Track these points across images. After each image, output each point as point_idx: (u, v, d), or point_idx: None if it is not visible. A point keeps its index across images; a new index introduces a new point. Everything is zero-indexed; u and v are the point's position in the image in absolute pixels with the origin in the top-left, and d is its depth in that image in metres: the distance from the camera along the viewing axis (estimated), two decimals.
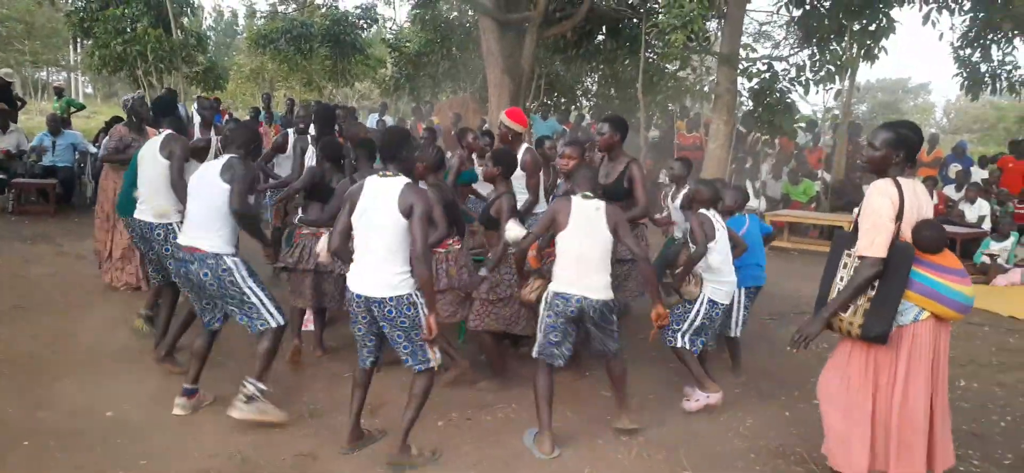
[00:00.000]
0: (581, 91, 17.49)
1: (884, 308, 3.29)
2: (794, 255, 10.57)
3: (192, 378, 4.47)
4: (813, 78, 11.83)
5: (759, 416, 4.81)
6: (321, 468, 3.90)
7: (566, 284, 4.09)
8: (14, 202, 10.36)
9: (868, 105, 38.02)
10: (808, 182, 12.44)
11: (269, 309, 4.27)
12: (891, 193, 3.29)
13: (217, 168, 4.28)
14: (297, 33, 20.09)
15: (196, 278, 4.22)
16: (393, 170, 3.83)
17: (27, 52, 32.68)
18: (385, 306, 3.73)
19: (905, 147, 3.34)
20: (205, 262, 4.18)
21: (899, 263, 3.27)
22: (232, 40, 44.60)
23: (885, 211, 3.27)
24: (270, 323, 4.27)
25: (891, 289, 3.28)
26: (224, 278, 4.18)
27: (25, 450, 3.91)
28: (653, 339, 4.53)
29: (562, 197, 4.24)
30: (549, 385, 4.17)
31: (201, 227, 4.23)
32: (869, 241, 3.29)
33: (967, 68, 12.54)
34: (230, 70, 26.49)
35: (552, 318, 4.12)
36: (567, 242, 4.10)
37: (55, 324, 5.94)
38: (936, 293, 3.29)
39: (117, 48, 15.32)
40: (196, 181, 4.38)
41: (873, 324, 3.30)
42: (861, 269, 3.30)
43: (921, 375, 3.35)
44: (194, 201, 4.32)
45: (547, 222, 4.20)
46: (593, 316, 4.10)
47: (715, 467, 4.09)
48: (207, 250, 4.18)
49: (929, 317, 3.33)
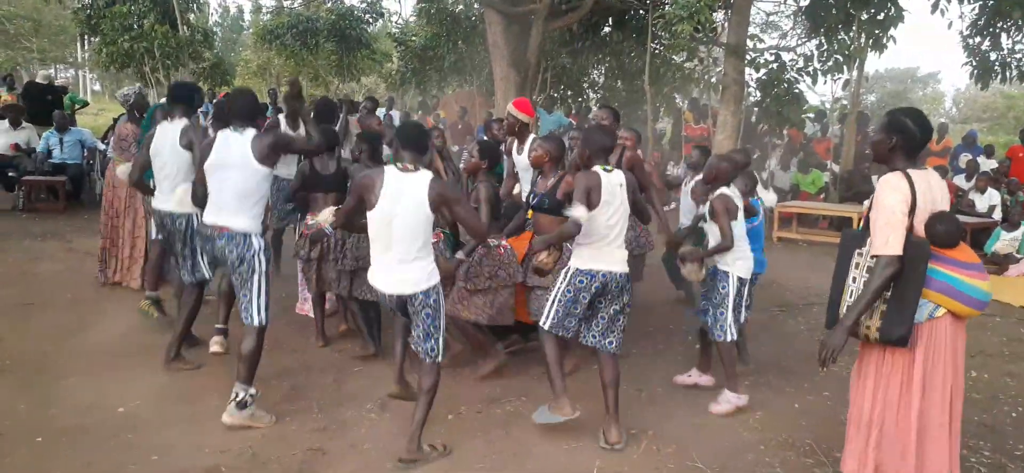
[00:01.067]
0: (588, 83, 17.44)
1: (902, 309, 3.13)
2: (803, 246, 10.52)
3: (223, 318, 4.80)
4: (821, 68, 11.79)
5: (768, 408, 4.79)
6: (330, 463, 3.91)
7: (590, 261, 4.05)
8: (24, 199, 10.41)
9: (877, 95, 37.78)
10: (817, 172, 12.39)
11: (260, 305, 4.26)
12: (902, 187, 3.13)
13: (245, 146, 4.20)
14: (303, 28, 20.11)
15: (220, 254, 4.28)
16: (414, 164, 3.81)
17: (35, 49, 32.84)
18: (417, 300, 3.79)
19: (900, 132, 3.17)
20: (232, 240, 4.20)
21: (916, 260, 3.10)
22: (238, 36, 44.70)
23: (897, 207, 3.11)
24: (254, 320, 4.24)
25: (909, 288, 3.12)
26: (246, 257, 4.21)
27: (37, 446, 3.92)
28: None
29: (587, 172, 4.09)
30: (558, 351, 4.20)
31: (231, 207, 4.22)
32: (883, 239, 3.11)
33: (977, 57, 12.47)
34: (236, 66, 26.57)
35: (572, 294, 4.08)
36: (595, 218, 4.01)
37: (65, 320, 5.96)
38: (952, 289, 3.14)
39: (124, 45, 15.36)
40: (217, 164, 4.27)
41: (892, 326, 3.15)
42: (878, 269, 3.11)
43: (939, 375, 3.21)
44: (220, 185, 4.25)
45: (585, 195, 4.01)
46: (615, 290, 4.08)
47: (725, 460, 4.08)
48: (236, 229, 4.20)
49: (945, 314, 3.18)
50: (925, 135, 3.23)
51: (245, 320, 4.26)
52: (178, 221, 5.08)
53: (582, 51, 15.79)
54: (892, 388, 3.25)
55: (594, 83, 17.57)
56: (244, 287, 4.26)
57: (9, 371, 4.91)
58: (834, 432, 4.47)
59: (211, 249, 4.33)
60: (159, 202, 5.19)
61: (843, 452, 3.46)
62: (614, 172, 4.11)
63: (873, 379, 3.31)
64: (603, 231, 4.03)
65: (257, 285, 4.24)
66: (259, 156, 4.19)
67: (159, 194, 5.20)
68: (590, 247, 4.06)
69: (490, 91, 15.51)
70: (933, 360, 3.20)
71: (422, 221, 3.74)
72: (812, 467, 4.05)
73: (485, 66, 16.05)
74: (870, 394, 3.31)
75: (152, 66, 15.50)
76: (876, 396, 3.29)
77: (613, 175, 4.09)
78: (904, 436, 3.23)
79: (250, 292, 4.24)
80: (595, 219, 4.01)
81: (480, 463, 3.95)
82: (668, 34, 12.06)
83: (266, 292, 4.29)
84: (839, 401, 4.98)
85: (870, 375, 3.33)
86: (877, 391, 3.29)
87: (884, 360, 3.28)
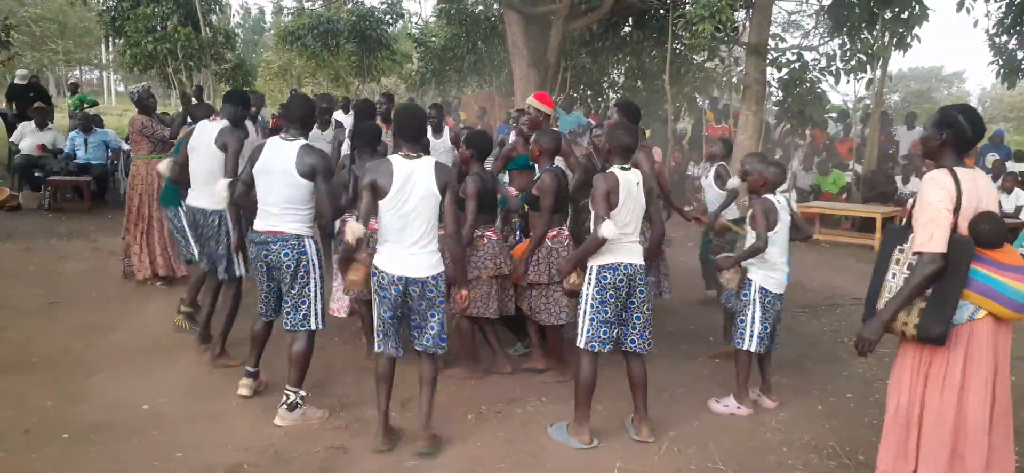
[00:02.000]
0: (607, 83, 17.39)
1: (942, 307, 3.07)
2: (825, 247, 10.43)
3: (253, 362, 4.60)
4: (844, 68, 11.68)
5: (791, 409, 4.75)
6: (352, 461, 3.92)
7: (610, 255, 4.04)
8: (50, 199, 10.56)
9: (900, 94, 37.42)
10: (838, 173, 12.28)
11: (316, 309, 4.28)
12: (946, 184, 3.07)
13: (293, 154, 4.13)
14: (324, 29, 20.22)
15: (274, 259, 4.19)
16: (417, 150, 3.85)
17: (60, 51, 33.33)
18: (427, 286, 3.81)
19: (951, 128, 3.13)
20: (287, 243, 4.17)
21: (959, 258, 3.04)
22: (260, 37, 45.08)
23: (941, 203, 3.05)
24: (310, 325, 4.28)
25: (950, 286, 3.06)
26: (301, 260, 4.19)
27: (64, 442, 3.98)
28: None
29: (604, 174, 4.08)
30: (593, 375, 4.12)
31: (280, 212, 4.18)
32: (927, 236, 3.05)
33: (1003, 55, 12.30)
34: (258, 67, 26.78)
35: (600, 294, 4.05)
36: (615, 217, 3.99)
37: (91, 319, 6.04)
38: (994, 291, 3.07)
39: (148, 46, 15.55)
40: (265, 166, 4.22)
41: (931, 324, 3.08)
42: (920, 267, 3.06)
43: (980, 377, 3.13)
44: (268, 188, 4.20)
45: (606, 202, 3.99)
46: (639, 282, 4.08)
47: (747, 461, 4.05)
48: (289, 232, 4.18)
49: (986, 316, 3.11)
50: (977, 132, 3.16)
51: (300, 326, 4.26)
52: (211, 218, 5.14)
53: (602, 51, 15.74)
54: (932, 389, 3.18)
55: (614, 83, 17.51)
56: (297, 297, 4.22)
57: (37, 369, 4.98)
58: (858, 434, 4.44)
59: (265, 256, 4.23)
60: (192, 199, 5.26)
61: (879, 450, 3.38)
62: (631, 171, 4.11)
63: (910, 378, 3.24)
64: (619, 228, 4.02)
65: (312, 287, 4.24)
66: (301, 171, 4.12)
67: (192, 192, 5.26)
68: (607, 246, 4.05)
69: (509, 91, 15.52)
70: (974, 363, 3.13)
71: (433, 205, 3.81)
72: (835, 469, 4.01)
73: (504, 66, 16.06)
74: (907, 393, 3.25)
75: (175, 67, 15.67)
76: (914, 396, 3.22)
77: (630, 173, 4.09)
78: (944, 438, 3.16)
79: (303, 299, 4.23)
80: (614, 218, 4.01)
81: (500, 463, 3.95)
82: (689, 33, 12.02)
83: (321, 294, 4.31)
84: (863, 403, 4.93)
85: (908, 375, 3.25)
86: (915, 391, 3.22)
87: (922, 360, 3.21)
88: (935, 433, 3.18)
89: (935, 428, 3.17)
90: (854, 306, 7.30)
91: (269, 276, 4.30)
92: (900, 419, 3.26)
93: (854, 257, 9.69)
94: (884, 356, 5.77)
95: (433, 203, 3.82)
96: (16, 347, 5.34)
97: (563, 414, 4.53)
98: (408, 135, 3.88)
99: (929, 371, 3.19)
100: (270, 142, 4.25)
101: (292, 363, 4.25)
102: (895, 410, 3.29)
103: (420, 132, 3.94)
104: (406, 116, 3.97)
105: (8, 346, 5.36)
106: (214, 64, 16.50)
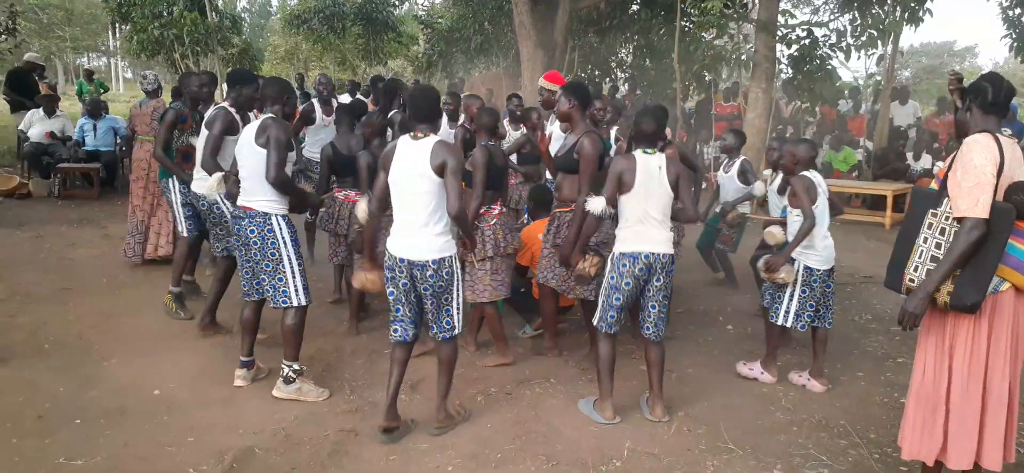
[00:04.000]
0: (615, 63, 17.28)
1: (980, 275, 2.98)
2: (835, 224, 10.30)
3: (246, 350, 4.60)
4: (854, 43, 11.55)
5: (801, 389, 4.74)
6: (362, 443, 3.94)
7: (632, 243, 4.02)
8: (59, 186, 10.61)
9: (912, 70, 37.02)
10: (848, 150, 12.18)
11: (297, 285, 4.30)
12: (992, 149, 2.98)
13: (252, 132, 4.25)
14: (330, 12, 20.18)
15: (244, 236, 4.28)
16: (424, 131, 3.81)
17: (67, 38, 33.38)
18: (427, 270, 3.76)
19: (972, 94, 3.08)
20: (253, 219, 4.23)
21: (1001, 226, 2.95)
22: (266, 21, 45.03)
23: (987, 167, 2.95)
24: (292, 300, 4.29)
25: (990, 254, 2.97)
26: (267, 238, 4.23)
27: (76, 428, 4.01)
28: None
29: (624, 155, 4.08)
30: (612, 354, 4.19)
31: (251, 188, 4.27)
32: (973, 200, 2.93)
33: (1016, 29, 12.14)
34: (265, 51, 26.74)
35: (616, 280, 4.06)
36: (631, 202, 4.00)
37: (102, 305, 6.07)
38: (1019, 262, 2.99)
39: (154, 32, 15.54)
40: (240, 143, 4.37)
41: (967, 292, 2.99)
42: (963, 233, 2.96)
43: (1001, 350, 3.08)
44: (243, 165, 4.32)
45: (615, 184, 4.01)
46: (660, 270, 4.04)
47: (757, 441, 4.05)
48: (256, 209, 4.23)
49: (1009, 288, 3.05)
50: (1000, 90, 3.08)
51: (282, 303, 4.30)
52: (214, 206, 5.23)
53: (610, 30, 15.61)
54: (958, 361, 3.12)
55: (622, 62, 17.39)
56: (273, 276, 4.27)
57: (49, 355, 5.01)
58: (869, 413, 4.42)
59: (239, 231, 4.33)
60: (194, 185, 5.31)
61: (902, 429, 3.31)
62: (654, 155, 4.07)
63: (935, 352, 3.18)
64: (640, 214, 4.00)
65: (286, 264, 4.27)
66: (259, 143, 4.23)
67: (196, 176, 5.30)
68: (630, 230, 4.05)
69: (517, 73, 15.43)
70: (996, 336, 3.08)
71: (428, 186, 3.70)
72: (846, 448, 4.00)
73: (512, 47, 15.96)
74: (933, 367, 3.19)
75: (181, 53, 15.66)
76: (941, 370, 3.16)
77: (652, 158, 4.05)
78: (973, 413, 3.11)
79: (280, 278, 4.27)
80: (629, 203, 4.00)
81: (510, 444, 3.96)
82: (697, 11, 11.91)
83: (300, 270, 4.33)
84: (874, 382, 4.91)
85: (933, 349, 3.20)
86: (941, 364, 3.16)
87: (947, 332, 3.14)
88: (964, 408, 3.12)
89: (963, 403, 3.12)
90: (865, 284, 7.26)
91: (245, 251, 4.38)
92: (926, 395, 3.20)
93: (865, 235, 9.63)
94: (895, 335, 5.76)
95: (429, 185, 3.69)
96: (28, 333, 5.37)
97: (572, 395, 4.55)
98: (420, 116, 3.83)
99: (954, 343, 3.13)
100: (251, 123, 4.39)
101: (284, 338, 4.33)
102: (919, 386, 3.23)
103: (433, 113, 3.88)
104: (419, 96, 3.91)
105: (20, 332, 5.39)
106: (221, 49, 16.47)
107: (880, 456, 3.91)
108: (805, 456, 3.90)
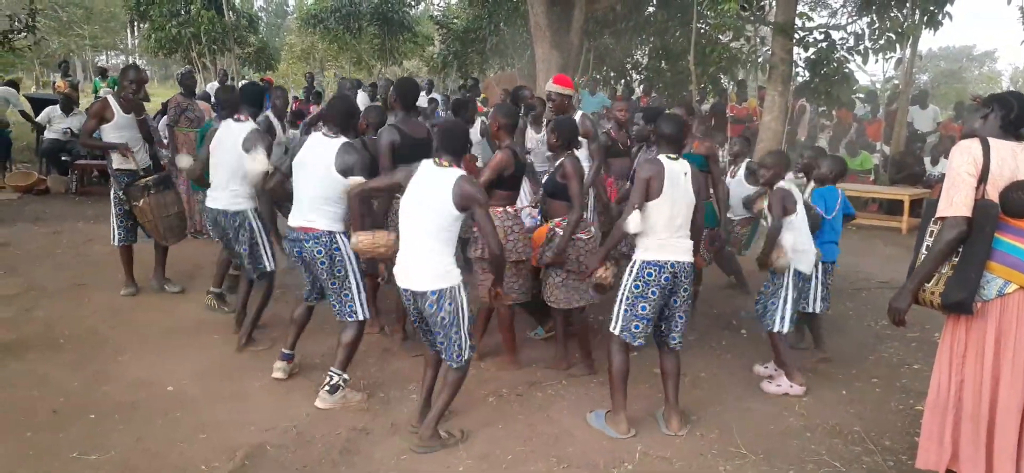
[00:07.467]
0: (631, 64, 17.24)
1: (965, 272, 3.01)
2: (851, 229, 10.27)
3: (290, 344, 4.66)
4: (872, 47, 11.42)
5: (815, 394, 4.70)
6: (374, 441, 3.94)
7: (657, 251, 3.92)
8: (77, 183, 10.69)
9: (930, 74, 36.70)
10: (865, 154, 12.08)
11: (362, 300, 4.32)
12: (972, 150, 3.03)
13: (331, 151, 4.19)
14: (346, 12, 20.27)
15: (309, 256, 4.26)
16: (448, 161, 3.75)
17: (86, 36, 33.68)
18: (426, 300, 3.68)
19: (996, 102, 3.13)
20: (318, 240, 4.22)
21: (982, 222, 3.00)
22: (283, 21, 45.29)
23: (962, 168, 3.02)
24: (358, 314, 4.31)
25: (974, 251, 3.01)
26: (334, 257, 4.24)
27: (90, 422, 4.03)
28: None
29: (651, 160, 3.98)
30: (626, 365, 4.06)
31: (313, 207, 4.23)
32: (947, 200, 3.04)
33: None
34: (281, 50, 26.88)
35: (640, 289, 3.95)
36: (658, 208, 3.89)
37: (117, 300, 6.11)
38: (1021, 263, 2.99)
39: (172, 30, 15.69)
40: (302, 161, 4.31)
41: (953, 290, 3.03)
42: (941, 232, 3.05)
43: (1009, 356, 3.04)
44: (304, 182, 4.27)
45: (643, 190, 3.89)
46: (685, 279, 3.97)
47: (770, 446, 4.01)
48: (321, 228, 4.22)
49: (1017, 290, 3.01)
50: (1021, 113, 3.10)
51: (348, 317, 4.30)
52: (232, 218, 5.11)
53: (625, 31, 15.57)
54: (969, 367, 3.10)
55: (637, 64, 17.35)
56: (340, 291, 4.28)
57: (64, 349, 5.05)
58: (884, 420, 4.38)
59: (300, 253, 4.31)
60: (211, 200, 5.18)
61: (921, 439, 3.28)
62: (679, 160, 3.99)
63: (949, 355, 3.17)
64: (666, 221, 3.90)
65: (352, 280, 4.29)
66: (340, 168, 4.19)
67: (212, 192, 5.18)
68: (655, 238, 3.92)
69: (532, 73, 15.43)
70: (1005, 341, 3.04)
71: (443, 218, 3.64)
72: (860, 455, 3.96)
73: (527, 48, 15.96)
74: (947, 370, 3.18)
75: (199, 51, 15.77)
76: (954, 373, 3.15)
77: (677, 164, 3.96)
78: (982, 420, 3.08)
79: (346, 291, 4.28)
80: (656, 209, 3.88)
81: (522, 446, 3.95)
82: (714, 13, 11.85)
83: (364, 285, 4.35)
84: (889, 388, 4.86)
85: (947, 352, 3.18)
86: (954, 367, 3.15)
87: (959, 336, 3.14)
88: (974, 413, 3.09)
89: (973, 407, 3.09)
90: (880, 290, 7.19)
91: (307, 269, 4.40)
92: (940, 400, 3.18)
93: (881, 240, 9.54)
94: (911, 341, 5.70)
95: (445, 215, 3.65)
96: (43, 328, 5.41)
97: (583, 397, 4.53)
98: (449, 149, 3.77)
99: (967, 347, 3.11)
100: (311, 137, 4.34)
101: (341, 347, 4.30)
102: (936, 391, 3.21)
103: (461, 149, 3.84)
104: (448, 132, 3.84)
105: (36, 327, 5.43)
106: (237, 48, 16.59)
107: (895, 464, 3.87)
108: (818, 462, 3.87)
